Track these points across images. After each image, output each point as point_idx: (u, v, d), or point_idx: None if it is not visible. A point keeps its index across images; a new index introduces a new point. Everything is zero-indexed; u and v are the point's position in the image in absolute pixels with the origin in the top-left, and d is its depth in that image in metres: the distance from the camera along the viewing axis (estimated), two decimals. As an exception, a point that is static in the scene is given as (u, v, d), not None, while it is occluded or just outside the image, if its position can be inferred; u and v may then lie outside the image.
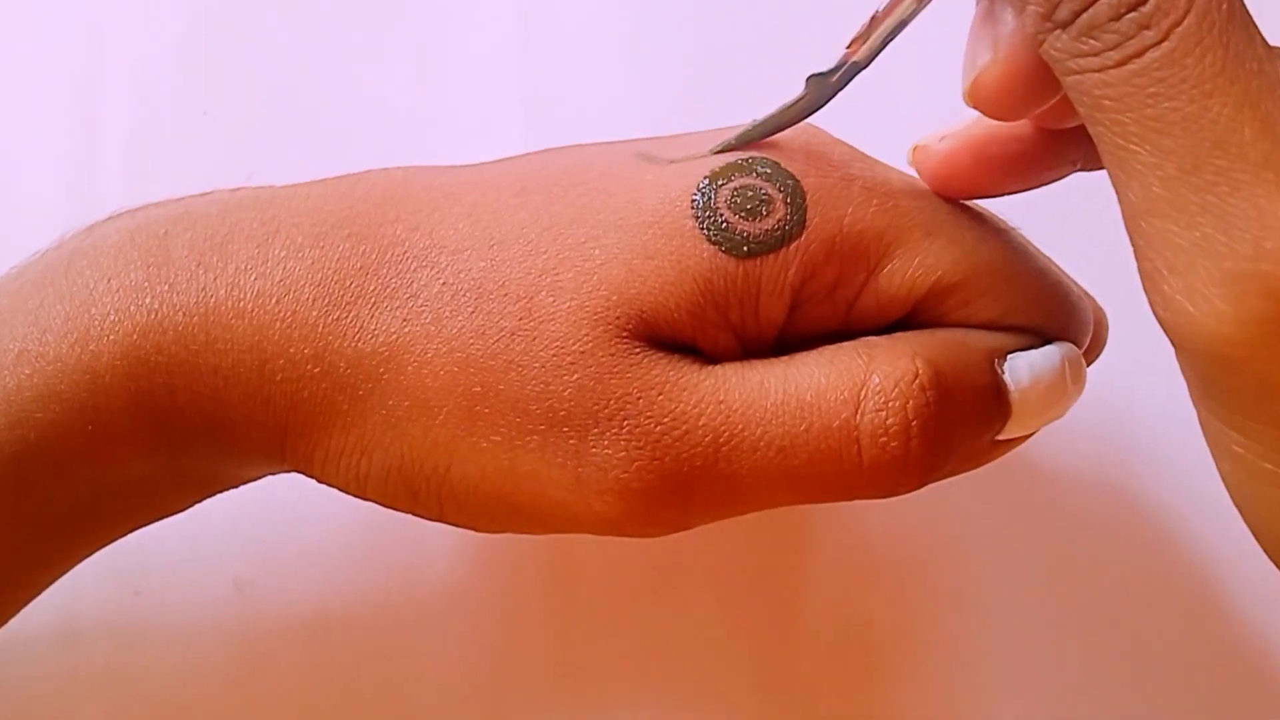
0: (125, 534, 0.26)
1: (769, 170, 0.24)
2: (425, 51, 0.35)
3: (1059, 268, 0.26)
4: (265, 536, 0.32)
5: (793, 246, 0.23)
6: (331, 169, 0.26)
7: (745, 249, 0.23)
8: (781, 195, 0.24)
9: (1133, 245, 0.18)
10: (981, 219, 0.25)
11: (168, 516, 0.27)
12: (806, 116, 0.24)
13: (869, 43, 0.23)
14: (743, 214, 0.23)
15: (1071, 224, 0.28)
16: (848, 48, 0.23)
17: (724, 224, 0.23)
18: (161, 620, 0.31)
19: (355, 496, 0.25)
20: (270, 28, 0.35)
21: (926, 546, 0.32)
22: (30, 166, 0.34)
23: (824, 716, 0.32)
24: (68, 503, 0.24)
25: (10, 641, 0.29)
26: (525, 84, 0.35)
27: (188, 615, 0.31)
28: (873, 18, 0.23)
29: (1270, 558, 0.20)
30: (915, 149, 0.25)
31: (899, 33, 0.23)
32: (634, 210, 0.24)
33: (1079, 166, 0.25)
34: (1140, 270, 0.18)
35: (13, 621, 0.27)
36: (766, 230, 0.23)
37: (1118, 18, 0.17)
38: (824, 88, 0.24)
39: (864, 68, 0.24)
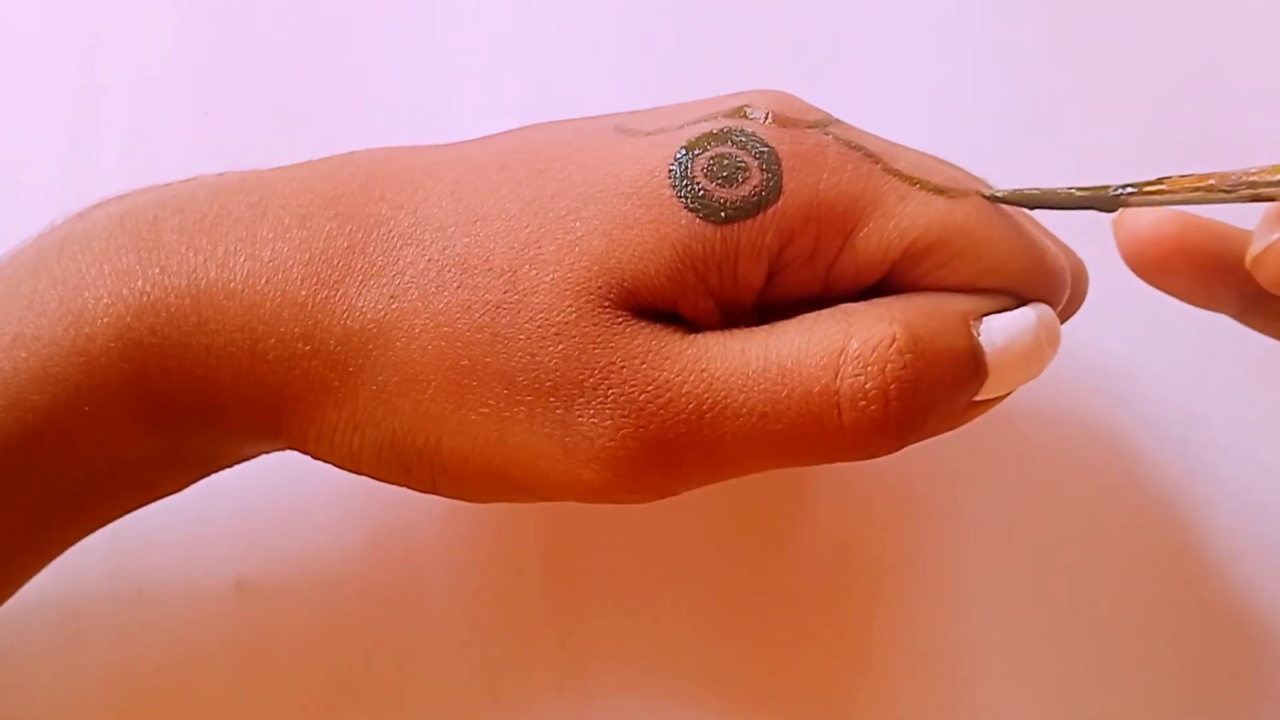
0: (125, 513, 0.27)
1: (744, 139, 0.25)
2: (422, 49, 0.35)
3: (1036, 224, 0.27)
4: (267, 537, 0.32)
5: (770, 212, 0.24)
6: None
7: (722, 215, 0.24)
8: (757, 162, 0.24)
9: None
10: (956, 180, 0.26)
11: (166, 496, 0.27)
12: (1081, 208, 0.25)
13: (1152, 196, 0.24)
14: (719, 181, 0.24)
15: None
16: (1149, 184, 0.24)
17: (701, 191, 0.24)
18: (164, 619, 0.32)
19: (350, 471, 0.25)
20: (268, 29, 0.35)
21: (915, 482, 0.33)
22: (30, 161, 0.34)
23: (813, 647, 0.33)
24: (66, 483, 0.25)
25: (14, 641, 0.30)
26: (521, 77, 0.35)
27: (190, 614, 0.32)
28: (1161, 179, 0.24)
29: None
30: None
31: (1189, 203, 0.24)
32: (613, 182, 0.24)
33: (1229, 312, 0.27)
34: None
35: (17, 620, 0.27)
36: (743, 196, 0.24)
37: None
38: (1105, 200, 0.25)
39: (1128, 206, 0.25)
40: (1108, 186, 0.25)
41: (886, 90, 0.35)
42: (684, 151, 0.24)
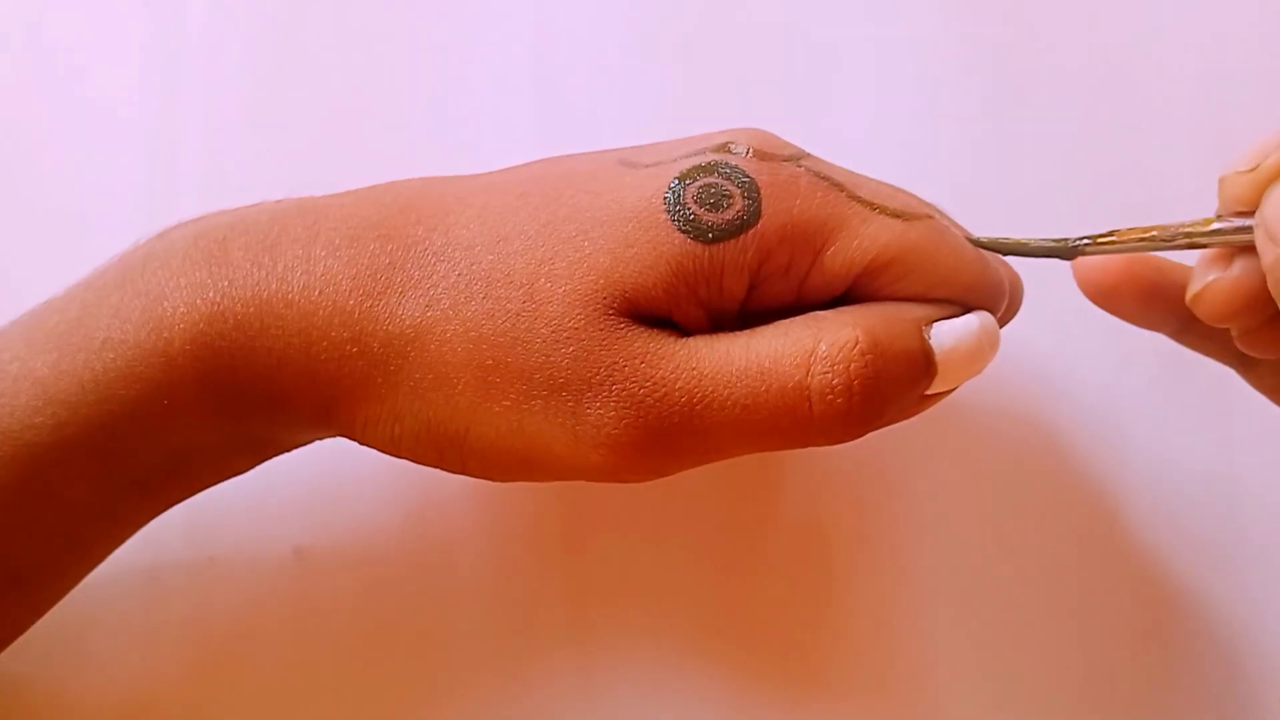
0: (198, 491, 0.29)
1: (729, 171, 0.26)
2: (449, 91, 0.37)
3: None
4: (320, 512, 0.34)
5: (750, 233, 0.26)
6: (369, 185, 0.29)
7: (710, 236, 0.26)
8: (740, 191, 0.26)
9: None
10: (910, 205, 0.28)
11: (232, 477, 0.29)
12: (1046, 256, 0.27)
13: (1104, 246, 0.26)
14: (707, 207, 0.26)
15: (1012, 216, 0.31)
16: (1101, 235, 0.26)
17: (691, 216, 0.26)
18: (232, 582, 0.33)
19: (391, 455, 0.27)
20: (318, 78, 0.37)
21: (875, 466, 0.35)
22: (117, 191, 0.36)
23: (791, 601, 0.34)
24: (149, 465, 0.27)
25: (101, 601, 0.32)
26: (535, 109, 0.37)
27: (254, 578, 0.33)
28: (1112, 231, 0.26)
29: None
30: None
31: (1136, 251, 0.26)
32: (616, 208, 0.26)
33: (1166, 332, 0.29)
34: None
35: (104, 583, 0.29)
36: (727, 220, 0.26)
37: None
38: (1066, 250, 0.27)
39: (1085, 255, 0.27)
40: (1068, 239, 0.27)
41: (851, 127, 0.37)
42: (677, 182, 0.26)
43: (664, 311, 0.26)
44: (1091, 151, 0.36)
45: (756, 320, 0.27)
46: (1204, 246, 0.25)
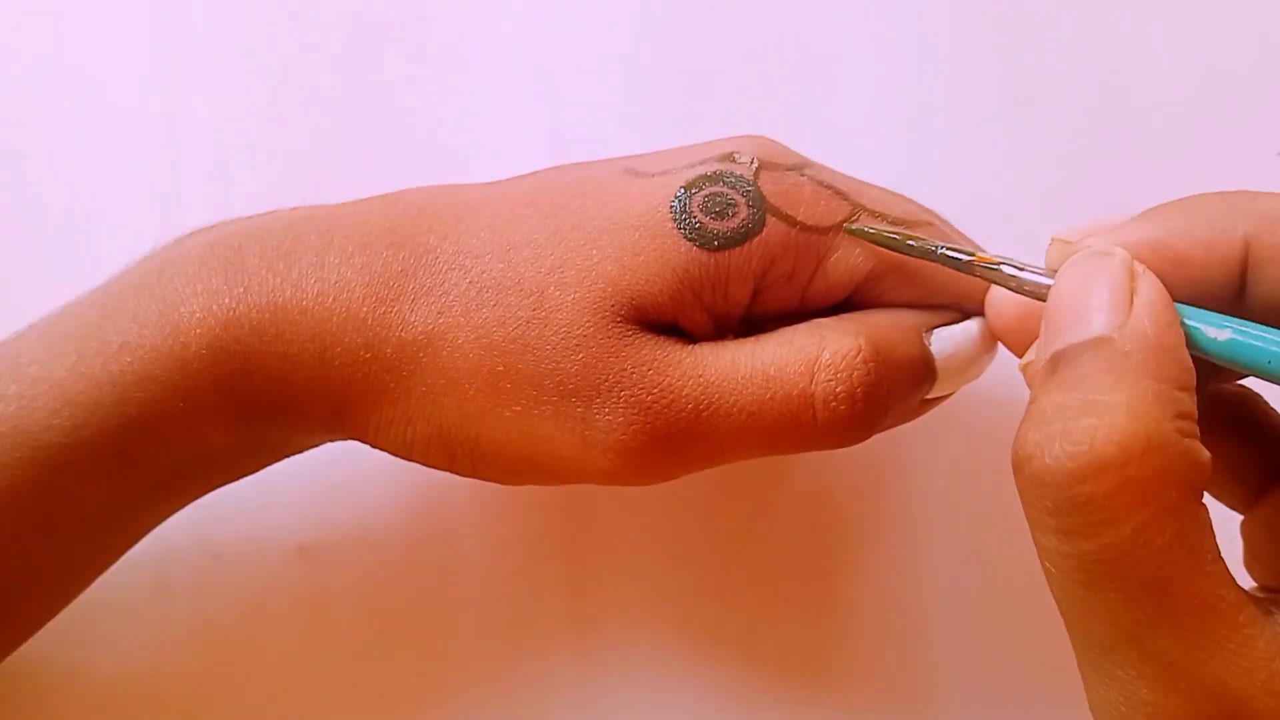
0: (208, 492, 0.29)
1: (734, 180, 0.27)
2: (455, 97, 0.37)
3: (978, 248, 0.28)
4: (324, 510, 0.34)
5: (754, 241, 0.26)
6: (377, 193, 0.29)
7: (715, 244, 0.26)
8: (744, 199, 0.27)
9: None
10: (911, 212, 0.28)
11: (243, 477, 0.29)
12: (920, 257, 0.26)
13: (984, 270, 0.25)
14: (712, 215, 0.26)
15: (1009, 220, 0.31)
16: (972, 255, 0.25)
17: (697, 224, 0.26)
18: (237, 579, 0.34)
19: (403, 459, 0.27)
20: (325, 84, 0.37)
21: (876, 465, 0.35)
22: (124, 202, 0.36)
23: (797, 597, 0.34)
24: (162, 466, 0.27)
25: (107, 598, 0.31)
26: (540, 117, 0.37)
27: (259, 575, 0.33)
28: (972, 257, 0.26)
29: None
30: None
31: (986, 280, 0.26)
32: (624, 216, 0.26)
33: None
34: None
35: (109, 581, 0.29)
36: (732, 228, 0.26)
37: None
38: (939, 258, 0.26)
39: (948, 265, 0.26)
40: (947, 249, 0.26)
41: (852, 134, 0.37)
42: (683, 191, 0.27)
43: (670, 318, 0.27)
44: (1095, 155, 0.37)
45: (760, 326, 0.27)
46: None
